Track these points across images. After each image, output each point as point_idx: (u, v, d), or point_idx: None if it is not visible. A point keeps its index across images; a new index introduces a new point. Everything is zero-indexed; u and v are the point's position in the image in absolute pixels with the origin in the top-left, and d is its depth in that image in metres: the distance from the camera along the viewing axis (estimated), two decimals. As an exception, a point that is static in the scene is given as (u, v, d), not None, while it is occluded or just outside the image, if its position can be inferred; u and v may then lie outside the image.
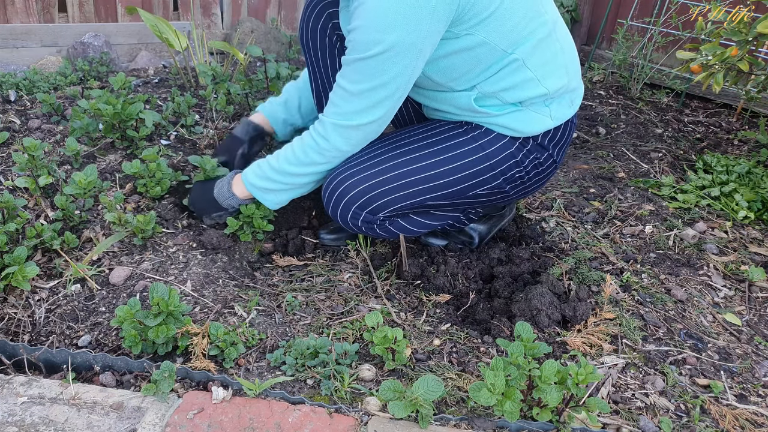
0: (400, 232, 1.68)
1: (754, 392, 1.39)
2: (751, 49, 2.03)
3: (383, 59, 1.33)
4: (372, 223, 1.61)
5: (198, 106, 2.61)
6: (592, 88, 3.40)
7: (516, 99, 1.48)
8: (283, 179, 1.59)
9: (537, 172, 1.61)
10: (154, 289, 1.32)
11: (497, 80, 1.45)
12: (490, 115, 1.51)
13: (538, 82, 1.46)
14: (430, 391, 1.15)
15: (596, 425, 1.22)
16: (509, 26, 1.37)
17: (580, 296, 1.62)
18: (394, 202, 1.57)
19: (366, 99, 1.40)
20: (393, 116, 1.49)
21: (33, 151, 1.78)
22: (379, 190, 1.55)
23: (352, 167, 1.56)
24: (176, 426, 1.13)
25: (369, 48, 1.32)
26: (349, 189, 1.55)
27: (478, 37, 1.37)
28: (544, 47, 1.45)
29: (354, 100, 1.42)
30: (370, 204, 1.56)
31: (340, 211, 1.59)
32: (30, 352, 1.30)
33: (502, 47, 1.40)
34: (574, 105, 1.59)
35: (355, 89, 1.40)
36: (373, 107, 1.42)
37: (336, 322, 1.52)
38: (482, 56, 1.41)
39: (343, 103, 1.44)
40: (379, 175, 1.55)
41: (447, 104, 1.57)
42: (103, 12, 3.28)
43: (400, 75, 1.36)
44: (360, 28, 1.32)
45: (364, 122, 1.45)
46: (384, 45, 1.30)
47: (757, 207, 2.10)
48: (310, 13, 1.68)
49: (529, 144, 1.55)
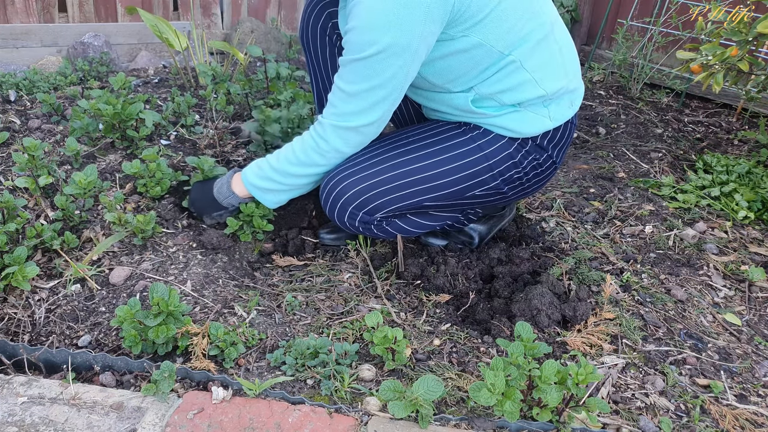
0: (398, 233, 1.68)
1: (754, 392, 1.39)
2: (751, 49, 2.03)
3: (378, 60, 1.33)
4: (369, 223, 1.61)
5: (198, 106, 2.62)
6: (592, 88, 3.40)
7: (514, 101, 1.48)
8: (283, 179, 1.59)
9: (536, 173, 1.61)
10: (154, 289, 1.32)
11: (494, 82, 1.45)
12: (487, 116, 1.51)
13: (536, 84, 1.46)
14: (430, 391, 1.15)
15: (596, 425, 1.22)
16: (506, 28, 1.37)
17: (580, 296, 1.62)
18: (392, 202, 1.57)
19: (363, 100, 1.40)
20: (390, 117, 1.49)
21: (33, 151, 1.78)
22: (377, 191, 1.55)
23: (350, 168, 1.56)
24: (176, 426, 1.13)
25: (364, 49, 1.32)
26: (346, 189, 1.55)
27: (475, 39, 1.37)
28: (542, 49, 1.45)
29: (351, 101, 1.42)
30: (367, 204, 1.56)
31: (338, 211, 1.59)
32: (30, 352, 1.30)
33: (499, 49, 1.39)
34: (574, 106, 1.59)
35: (351, 90, 1.40)
36: (370, 108, 1.42)
37: (336, 322, 1.52)
38: (479, 58, 1.41)
39: (340, 104, 1.44)
40: (376, 175, 1.54)
41: (445, 105, 1.56)
42: (103, 12, 3.28)
43: (395, 76, 1.36)
44: (355, 29, 1.32)
45: (361, 124, 1.45)
46: (379, 46, 1.30)
47: (757, 207, 2.10)
48: (310, 13, 1.68)
49: (528, 145, 1.55)
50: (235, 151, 2.25)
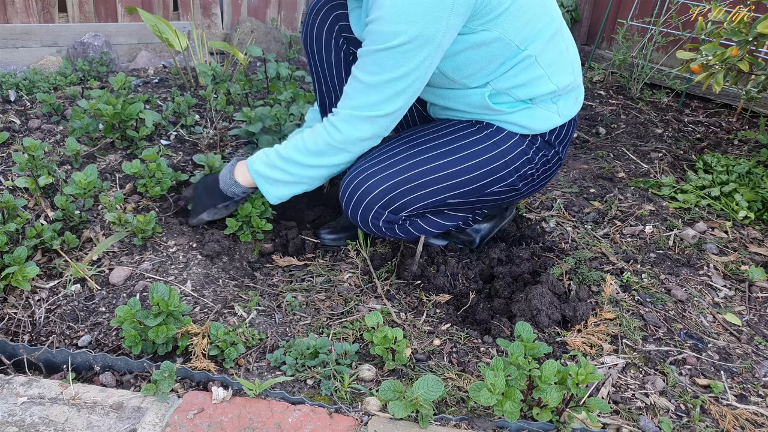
0: (419, 233, 1.67)
1: (754, 392, 1.39)
2: (751, 49, 2.03)
3: (404, 51, 1.33)
4: (394, 223, 1.60)
5: (198, 106, 2.61)
6: (592, 88, 3.40)
7: (527, 96, 1.50)
8: (290, 168, 1.56)
9: (545, 169, 1.63)
10: (154, 289, 1.32)
11: (511, 77, 1.47)
12: (502, 112, 1.52)
13: (548, 79, 1.48)
14: (430, 391, 1.15)
15: (596, 425, 1.22)
16: (523, 22, 1.39)
17: (580, 296, 1.62)
18: (417, 200, 1.56)
19: (383, 91, 1.40)
20: (406, 112, 1.48)
21: (33, 151, 1.78)
22: (401, 189, 1.54)
23: (371, 167, 1.55)
24: (176, 426, 1.13)
25: (390, 39, 1.32)
26: (371, 189, 1.53)
27: (494, 33, 1.38)
28: (553, 45, 1.48)
29: (371, 92, 1.41)
30: (393, 203, 1.55)
31: (362, 211, 1.56)
32: (30, 352, 1.30)
33: (516, 43, 1.41)
34: (578, 102, 1.62)
35: (372, 81, 1.39)
36: (389, 99, 1.41)
37: (336, 322, 1.52)
38: (497, 52, 1.42)
39: (358, 95, 1.43)
40: (399, 174, 1.53)
41: (460, 102, 1.56)
42: (103, 12, 3.28)
43: (418, 67, 1.36)
44: (380, 19, 1.32)
45: (379, 114, 1.43)
46: (405, 36, 1.31)
47: (757, 207, 2.10)
48: (315, 16, 1.67)
49: (538, 141, 1.57)
50: (236, 151, 2.25)
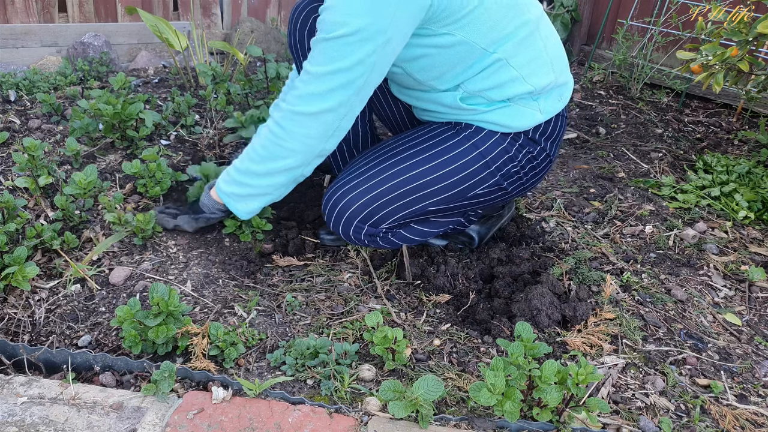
0: (403, 243, 1.68)
1: (754, 392, 1.39)
2: (751, 49, 2.03)
3: (346, 42, 1.30)
4: (375, 235, 1.61)
5: (198, 106, 2.61)
6: (592, 88, 3.40)
7: (502, 97, 1.48)
8: (250, 181, 1.53)
9: (532, 167, 1.61)
10: (154, 289, 1.32)
11: (481, 79, 1.45)
12: (478, 111, 1.51)
13: (524, 80, 1.46)
14: (430, 391, 1.15)
15: (596, 425, 1.22)
16: (489, 25, 1.37)
17: (580, 296, 1.62)
18: (396, 211, 1.56)
19: (324, 82, 1.36)
20: (354, 113, 1.44)
21: (33, 151, 1.78)
22: (380, 202, 1.54)
23: (350, 180, 1.56)
24: (176, 426, 1.13)
25: (335, 29, 1.30)
26: (349, 203, 1.54)
27: (457, 36, 1.37)
28: (527, 45, 1.44)
29: (313, 83, 1.37)
30: (372, 216, 1.56)
31: (342, 225, 1.58)
32: (30, 352, 1.30)
33: (482, 46, 1.39)
34: (563, 99, 1.59)
35: (316, 71, 1.36)
36: (331, 91, 1.37)
37: (336, 322, 1.52)
38: (463, 55, 1.40)
39: (302, 85, 1.40)
40: (377, 186, 1.54)
41: (434, 104, 1.56)
42: (103, 12, 3.28)
43: (362, 62, 1.33)
44: (329, 8, 1.31)
45: (319, 109, 1.39)
46: (348, 28, 1.29)
47: (757, 207, 2.10)
48: (297, 17, 1.67)
49: (521, 138, 1.55)
50: (236, 151, 2.25)
